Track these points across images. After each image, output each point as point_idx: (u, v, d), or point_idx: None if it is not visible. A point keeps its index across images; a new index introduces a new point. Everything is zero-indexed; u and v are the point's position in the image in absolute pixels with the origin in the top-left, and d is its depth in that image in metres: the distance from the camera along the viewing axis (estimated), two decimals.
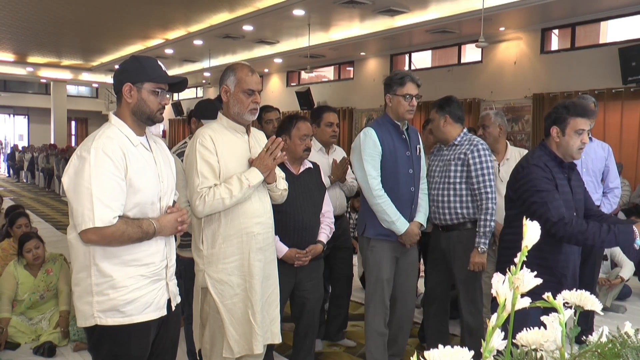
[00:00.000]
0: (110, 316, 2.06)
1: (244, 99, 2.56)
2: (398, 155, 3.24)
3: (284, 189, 2.76)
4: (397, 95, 3.22)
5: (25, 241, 4.14)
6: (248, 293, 2.56)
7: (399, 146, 3.26)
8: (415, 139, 3.40)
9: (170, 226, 2.15)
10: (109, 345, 2.10)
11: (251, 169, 2.55)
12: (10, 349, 3.92)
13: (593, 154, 3.93)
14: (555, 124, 2.67)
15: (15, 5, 10.73)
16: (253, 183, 2.51)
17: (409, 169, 3.28)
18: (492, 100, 10.62)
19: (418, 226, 3.34)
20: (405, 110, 3.22)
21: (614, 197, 3.95)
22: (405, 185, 3.27)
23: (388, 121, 3.29)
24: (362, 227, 3.37)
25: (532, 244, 0.89)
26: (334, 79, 15.42)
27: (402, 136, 3.29)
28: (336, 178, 3.89)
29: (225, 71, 2.64)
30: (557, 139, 2.67)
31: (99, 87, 24.64)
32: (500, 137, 3.84)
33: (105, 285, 2.04)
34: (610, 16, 9.11)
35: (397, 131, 3.28)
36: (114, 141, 2.04)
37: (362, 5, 9.17)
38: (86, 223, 1.95)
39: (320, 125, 3.90)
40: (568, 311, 0.96)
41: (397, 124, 3.28)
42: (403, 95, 3.20)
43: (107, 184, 1.97)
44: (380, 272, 3.31)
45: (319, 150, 3.90)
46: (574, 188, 2.72)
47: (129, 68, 2.15)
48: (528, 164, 2.67)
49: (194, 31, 12.31)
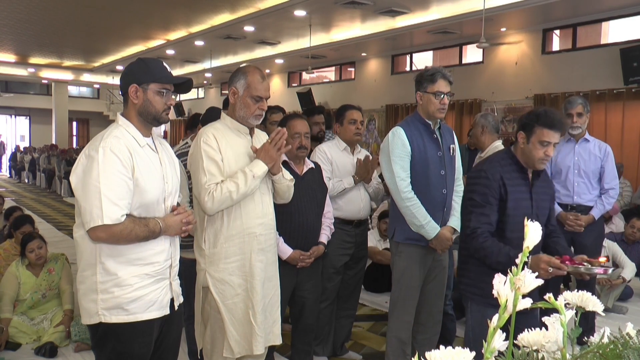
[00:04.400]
0: (115, 314, 2.09)
1: (251, 104, 2.55)
2: (429, 156, 3.07)
3: (290, 179, 2.74)
4: (427, 92, 3.06)
5: (28, 241, 4.15)
6: (249, 294, 2.56)
7: (430, 146, 3.09)
8: (449, 138, 3.22)
9: (176, 226, 2.18)
10: (113, 343, 2.13)
11: (255, 161, 2.53)
12: (11, 349, 3.92)
13: (586, 156, 3.94)
14: (522, 130, 2.61)
15: (17, 6, 10.74)
16: (258, 174, 2.49)
17: (440, 170, 3.10)
18: (493, 100, 10.61)
19: (450, 231, 3.11)
20: (436, 108, 3.05)
21: (609, 198, 3.94)
22: (437, 188, 3.09)
23: (418, 120, 3.13)
24: (392, 230, 3.21)
25: (533, 244, 0.89)
26: (335, 79, 15.42)
27: (434, 135, 3.12)
28: (360, 178, 3.65)
29: (236, 73, 2.61)
30: (521, 145, 2.61)
31: (100, 88, 24.66)
32: (482, 135, 4.09)
33: (110, 284, 2.07)
34: (612, 16, 9.10)
35: (428, 130, 3.11)
36: (121, 141, 2.07)
37: (364, 5, 9.18)
38: (95, 221, 1.98)
39: (343, 123, 3.71)
40: (569, 312, 0.96)
41: (428, 123, 3.11)
42: (434, 93, 3.04)
43: (115, 182, 2.01)
44: (407, 278, 3.14)
45: (343, 150, 3.72)
46: (536, 195, 2.67)
47: (134, 69, 2.18)
48: (484, 168, 2.67)
49: (195, 32, 12.32)
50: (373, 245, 5.55)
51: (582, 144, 3.95)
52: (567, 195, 3.94)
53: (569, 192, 3.94)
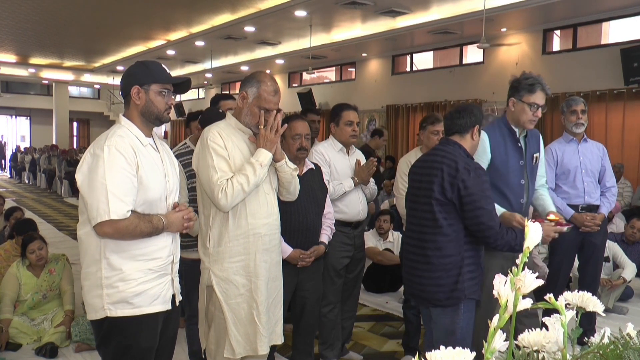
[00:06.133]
0: (120, 308, 2.14)
1: (258, 114, 2.56)
2: (510, 165, 2.98)
3: (294, 168, 2.73)
4: (522, 101, 2.96)
5: (28, 242, 4.15)
6: (253, 294, 2.56)
7: (512, 154, 3.00)
8: (535, 145, 3.13)
9: (178, 223, 2.25)
10: (119, 338, 2.17)
11: (257, 151, 2.53)
12: (12, 350, 3.93)
13: (590, 155, 3.93)
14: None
15: (18, 7, 10.75)
16: (264, 162, 2.50)
17: (520, 180, 3.01)
18: (493, 101, 10.61)
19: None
20: (528, 119, 2.96)
21: (612, 195, 3.95)
22: (516, 197, 3.01)
23: (505, 125, 3.03)
24: None
25: (533, 245, 0.89)
26: (336, 80, 15.42)
27: (518, 144, 3.03)
28: (361, 180, 3.65)
29: (250, 79, 2.60)
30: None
31: (100, 88, 24.67)
32: None
33: (115, 278, 2.13)
34: (612, 17, 9.10)
35: (513, 138, 3.02)
36: (125, 140, 2.15)
37: (364, 6, 9.18)
38: (102, 216, 2.05)
39: (339, 124, 3.66)
40: (570, 312, 0.96)
41: (514, 131, 3.02)
42: (529, 104, 2.94)
43: (121, 179, 2.08)
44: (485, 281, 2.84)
45: (339, 151, 3.68)
46: None
47: (136, 72, 2.25)
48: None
49: (196, 32, 12.32)
50: (373, 246, 5.53)
51: (583, 143, 3.95)
52: (578, 196, 3.87)
53: (579, 192, 3.87)
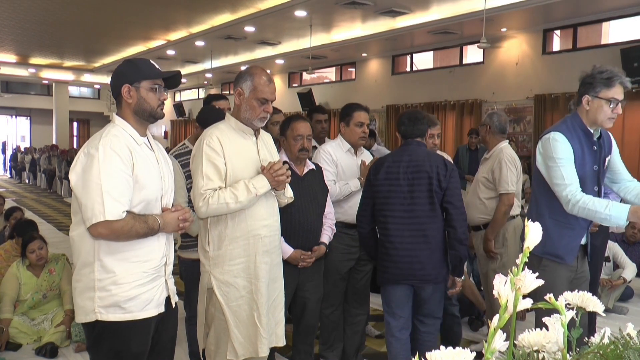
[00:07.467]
0: (112, 312, 2.10)
1: (256, 106, 2.55)
2: (586, 170, 2.67)
3: (290, 197, 2.76)
4: (598, 97, 2.61)
5: (28, 242, 4.15)
6: (254, 295, 2.55)
7: (588, 159, 2.68)
8: (608, 147, 2.80)
9: (173, 223, 2.21)
10: (110, 342, 2.13)
11: (260, 177, 2.52)
12: (12, 350, 3.93)
13: None
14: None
15: (18, 7, 10.74)
16: (260, 192, 2.50)
17: (594, 187, 2.71)
18: (493, 101, 10.61)
19: None
20: (607, 117, 2.62)
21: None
22: None
23: (579, 126, 2.66)
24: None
25: (533, 245, 0.89)
26: (336, 80, 15.42)
27: (594, 147, 2.69)
28: None
29: (243, 74, 2.61)
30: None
31: (100, 88, 24.66)
32: (487, 135, 4.03)
33: (108, 281, 2.09)
34: (612, 17, 9.10)
35: (589, 141, 2.67)
36: (120, 139, 2.11)
37: (364, 6, 9.18)
38: (97, 217, 2.00)
39: (350, 124, 3.56)
40: (570, 312, 0.96)
41: (590, 132, 2.67)
42: (607, 100, 2.60)
43: (116, 179, 2.04)
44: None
45: (347, 151, 3.61)
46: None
47: (124, 70, 2.22)
48: None
49: (196, 32, 12.32)
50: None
51: None
52: None
53: None
